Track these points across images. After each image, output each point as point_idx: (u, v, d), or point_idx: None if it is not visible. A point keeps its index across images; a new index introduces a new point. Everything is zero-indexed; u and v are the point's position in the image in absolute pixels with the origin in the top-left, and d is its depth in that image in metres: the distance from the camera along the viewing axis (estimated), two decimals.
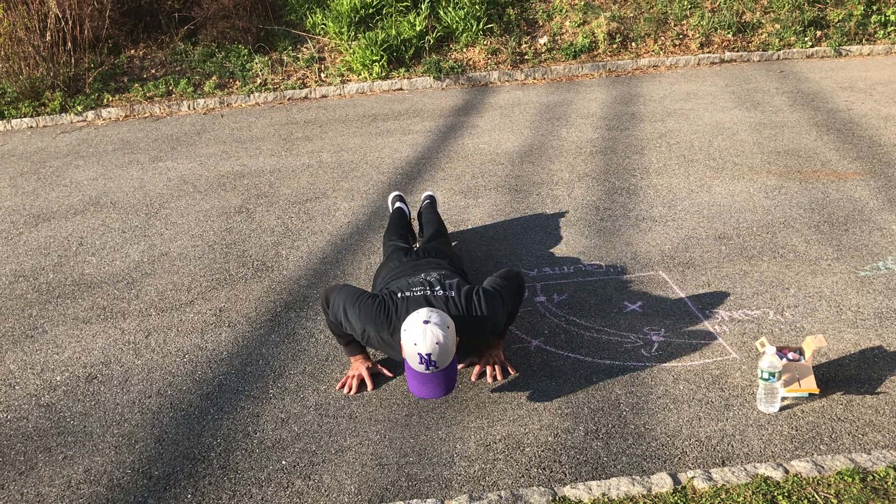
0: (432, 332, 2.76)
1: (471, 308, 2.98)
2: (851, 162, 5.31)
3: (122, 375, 3.37)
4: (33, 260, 4.61)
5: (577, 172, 5.43)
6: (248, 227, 4.85)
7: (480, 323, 3.00)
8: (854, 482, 2.46)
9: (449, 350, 2.80)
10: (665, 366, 3.19)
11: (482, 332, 3.04)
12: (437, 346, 2.75)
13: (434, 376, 2.83)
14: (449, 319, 2.86)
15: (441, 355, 2.78)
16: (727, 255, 4.10)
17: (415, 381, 2.87)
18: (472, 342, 3.07)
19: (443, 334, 2.77)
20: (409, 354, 2.82)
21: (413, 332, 2.79)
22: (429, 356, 2.76)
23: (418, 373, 2.84)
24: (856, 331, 3.35)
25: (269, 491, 2.64)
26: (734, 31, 8.65)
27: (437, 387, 2.85)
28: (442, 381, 2.85)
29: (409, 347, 2.81)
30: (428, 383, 2.84)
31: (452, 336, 2.83)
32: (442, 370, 2.83)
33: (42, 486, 2.73)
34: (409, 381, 2.90)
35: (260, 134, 6.92)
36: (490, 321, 3.02)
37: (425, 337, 2.75)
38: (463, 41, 8.67)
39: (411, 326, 2.81)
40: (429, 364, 2.78)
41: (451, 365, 2.86)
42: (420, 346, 2.76)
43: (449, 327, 2.82)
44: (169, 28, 8.95)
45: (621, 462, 2.67)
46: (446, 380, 2.86)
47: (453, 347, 2.84)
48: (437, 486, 2.61)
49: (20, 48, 8.20)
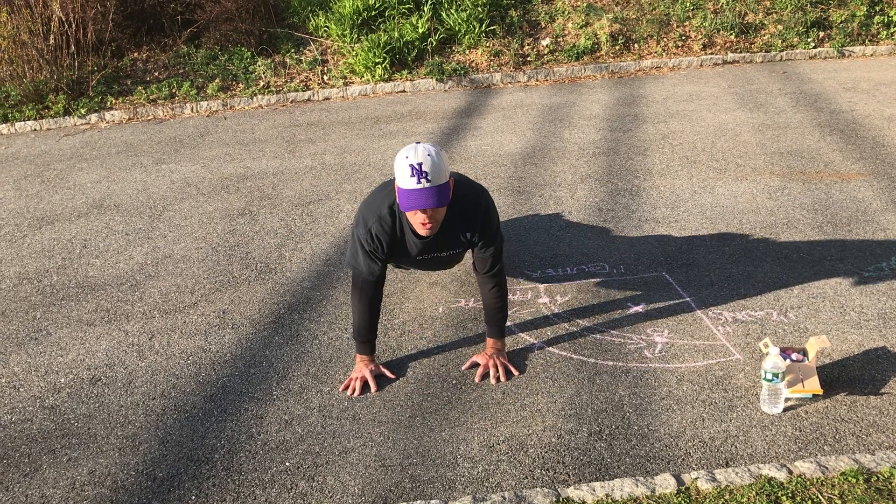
0: (424, 148, 2.78)
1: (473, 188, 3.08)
2: (854, 163, 5.31)
3: (125, 377, 3.37)
4: (37, 262, 4.62)
5: (580, 174, 5.43)
6: (251, 230, 4.86)
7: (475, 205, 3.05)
8: (858, 483, 2.46)
9: (441, 168, 2.76)
10: (668, 367, 3.19)
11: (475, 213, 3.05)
12: (428, 158, 2.74)
13: (426, 190, 2.76)
14: (441, 150, 2.85)
15: (433, 168, 2.73)
16: (730, 256, 4.09)
17: (405, 198, 2.78)
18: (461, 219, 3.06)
19: (434, 150, 2.78)
20: (401, 170, 2.76)
21: (404, 150, 2.80)
22: (420, 166, 2.72)
23: (409, 189, 2.77)
24: (859, 331, 3.35)
25: (272, 492, 2.64)
26: (737, 33, 8.65)
27: (428, 198, 2.76)
28: (434, 194, 2.77)
29: (400, 164, 2.77)
30: (420, 196, 2.76)
31: (445, 160, 2.82)
32: (434, 186, 2.76)
33: (46, 487, 2.74)
34: (401, 201, 2.81)
35: (263, 136, 6.93)
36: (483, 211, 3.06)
37: (416, 151, 2.76)
38: (465, 43, 8.68)
39: (403, 149, 2.83)
40: (420, 175, 2.72)
41: (443, 185, 2.79)
42: (411, 157, 2.74)
43: (442, 151, 2.82)
44: (172, 31, 8.97)
45: (625, 463, 2.67)
46: (439, 194, 2.78)
47: (446, 171, 2.81)
48: (441, 488, 2.61)
49: (24, 51, 8.22)
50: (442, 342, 3.46)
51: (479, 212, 3.07)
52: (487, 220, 3.10)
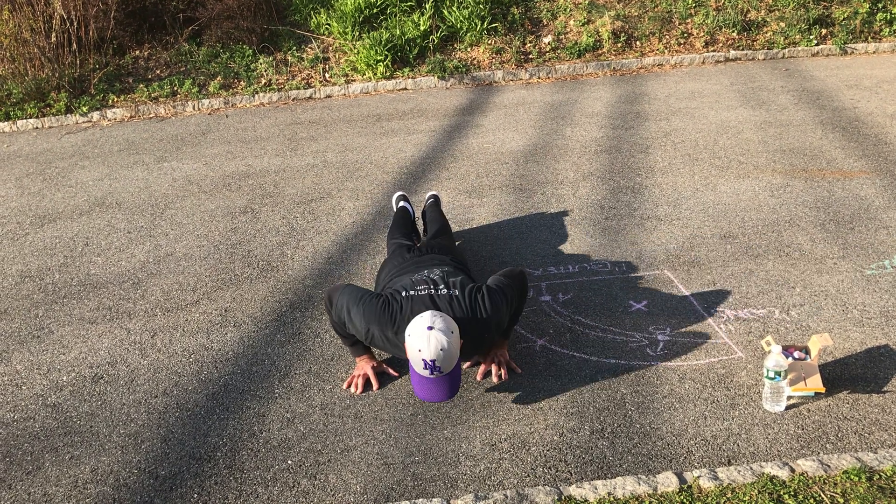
0: (436, 339, 2.75)
1: (475, 307, 2.98)
2: (857, 160, 5.30)
3: (128, 375, 3.38)
4: (39, 260, 4.63)
5: (582, 171, 5.42)
6: (253, 228, 4.86)
7: (485, 322, 2.99)
8: (860, 481, 2.46)
9: (453, 355, 2.80)
10: (670, 365, 3.18)
11: (486, 330, 3.03)
12: (441, 353, 2.75)
13: (438, 380, 2.83)
14: (453, 324, 2.86)
15: (445, 360, 2.78)
16: (732, 253, 4.09)
17: (419, 385, 2.87)
18: (476, 341, 3.07)
19: (447, 340, 2.77)
20: (414, 360, 2.82)
21: (417, 339, 2.79)
22: (433, 362, 2.76)
23: (423, 377, 2.84)
24: (862, 329, 3.34)
25: (274, 490, 2.64)
26: (739, 30, 8.63)
27: (441, 391, 2.85)
28: (446, 385, 2.85)
29: (413, 353, 2.81)
30: (432, 387, 2.85)
31: (457, 341, 2.83)
32: (446, 374, 2.83)
33: (49, 485, 2.74)
34: (414, 384, 2.90)
35: (265, 134, 6.93)
36: (494, 320, 3.01)
37: (429, 343, 2.75)
38: (467, 40, 8.67)
39: (415, 332, 2.81)
40: (433, 370, 2.79)
41: (455, 369, 2.85)
42: (424, 352, 2.76)
43: (453, 332, 2.82)
44: (173, 29, 8.96)
45: (627, 461, 2.67)
46: (450, 383, 2.86)
47: (457, 352, 2.84)
48: (443, 486, 2.61)
49: (25, 49, 8.22)
50: None
51: (489, 332, 3.07)
52: (499, 329, 3.10)
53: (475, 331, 2.98)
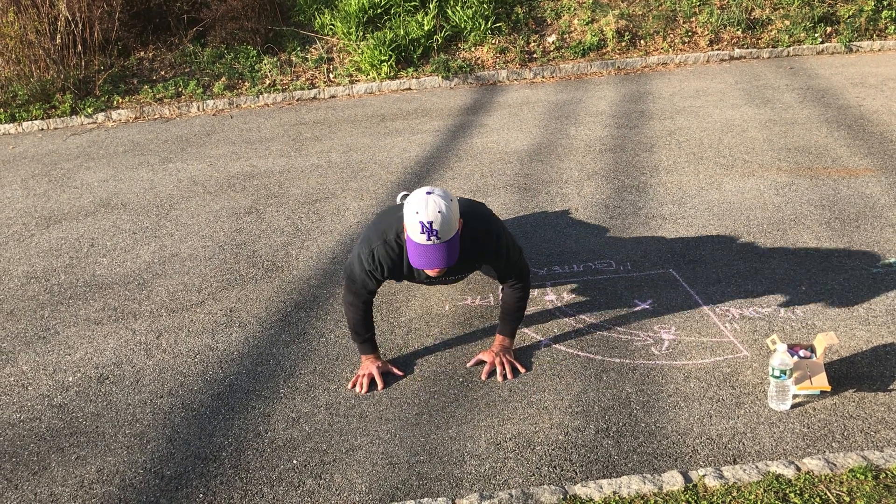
0: (434, 202, 2.74)
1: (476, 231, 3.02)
2: (862, 158, 5.28)
3: (133, 376, 3.38)
4: (45, 261, 4.64)
5: (587, 171, 5.42)
6: (257, 228, 4.87)
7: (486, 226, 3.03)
8: (867, 480, 2.45)
9: (451, 221, 2.76)
10: (676, 364, 3.18)
11: (487, 241, 3.03)
12: (439, 215, 2.72)
13: (436, 247, 2.78)
14: (452, 195, 2.84)
15: (443, 225, 2.74)
16: (737, 252, 4.08)
17: (416, 253, 2.81)
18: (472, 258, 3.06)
19: (445, 204, 2.75)
20: (411, 224, 2.77)
21: (415, 202, 2.77)
22: (430, 224, 2.72)
23: (419, 244, 2.79)
24: (868, 328, 3.33)
25: (280, 490, 2.64)
26: (743, 28, 8.61)
27: (439, 257, 2.80)
28: (444, 252, 2.79)
29: (410, 217, 2.77)
30: (430, 253, 2.79)
31: (455, 209, 2.81)
32: (444, 242, 2.78)
33: (55, 486, 2.75)
34: (411, 256, 2.84)
35: (269, 134, 6.93)
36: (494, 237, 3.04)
37: (427, 205, 2.73)
38: (471, 40, 8.68)
39: (414, 198, 2.79)
40: (430, 233, 2.74)
41: (452, 239, 2.81)
42: (422, 213, 2.73)
43: (452, 200, 2.80)
44: (178, 30, 8.98)
45: (632, 460, 2.67)
46: (448, 251, 2.80)
47: (456, 221, 2.80)
48: (448, 485, 2.61)
49: (31, 51, 8.25)
50: (448, 340, 3.46)
51: (490, 241, 3.06)
52: (500, 247, 3.08)
53: (476, 236, 2.99)
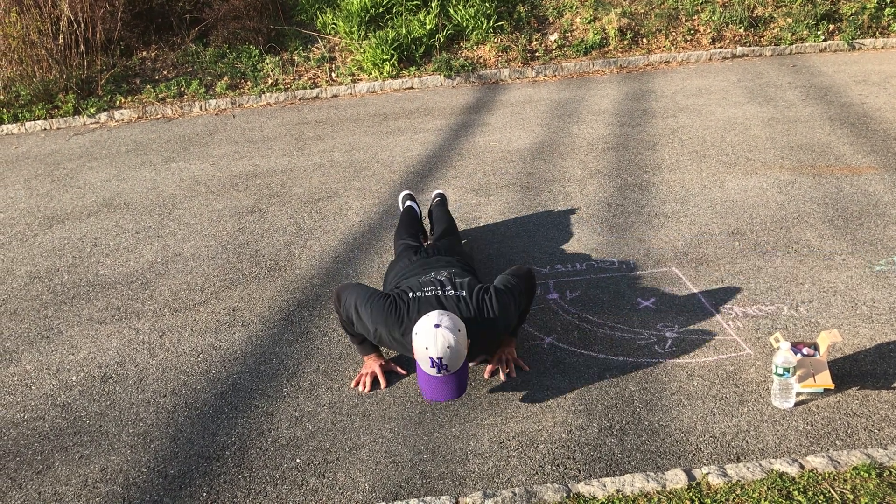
0: (443, 336, 2.75)
1: (482, 308, 2.98)
2: (865, 156, 5.28)
3: (136, 375, 3.39)
4: (48, 261, 4.65)
5: (589, 169, 5.41)
6: (260, 227, 4.87)
7: (492, 323, 2.99)
8: (870, 477, 2.45)
9: (460, 353, 2.80)
10: (679, 362, 3.18)
11: (494, 331, 3.03)
12: (448, 350, 2.75)
13: (445, 379, 2.83)
14: (460, 322, 2.85)
15: (452, 359, 2.77)
16: (740, 250, 4.08)
17: (426, 384, 2.87)
18: (483, 341, 3.07)
19: (454, 338, 2.76)
20: (421, 358, 2.82)
21: (424, 336, 2.78)
22: (440, 360, 2.76)
23: (430, 376, 2.84)
24: (871, 325, 3.33)
25: (283, 489, 2.65)
26: (746, 26, 8.60)
27: (448, 390, 2.85)
28: (453, 384, 2.84)
29: (420, 351, 2.80)
30: (439, 386, 2.84)
31: (464, 339, 2.83)
32: (453, 373, 2.83)
33: (59, 485, 2.75)
34: (421, 384, 2.89)
35: (271, 134, 6.94)
36: (501, 320, 3.01)
37: (436, 341, 2.75)
38: (473, 39, 8.67)
39: (422, 330, 2.80)
40: (440, 368, 2.78)
41: (462, 368, 2.85)
42: (431, 349, 2.75)
43: (460, 330, 2.81)
44: (180, 29, 8.99)
45: (635, 458, 2.66)
46: (457, 382, 2.85)
47: (464, 350, 2.84)
48: (452, 484, 2.61)
49: (33, 51, 8.26)
50: None
51: (497, 333, 3.08)
52: (507, 320, 3.07)
53: (483, 331, 2.98)
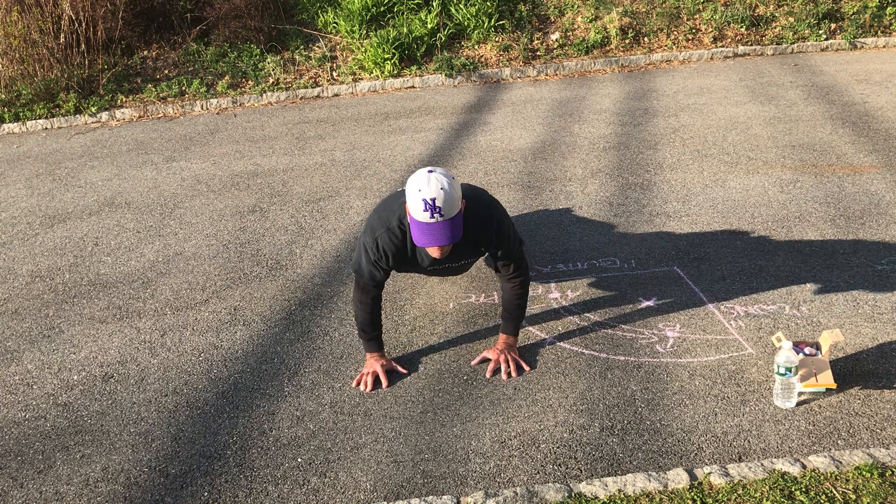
0: (437, 179, 2.74)
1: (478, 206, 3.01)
2: (867, 155, 5.27)
3: (138, 374, 3.39)
4: (49, 260, 4.65)
5: (591, 168, 5.41)
6: (261, 226, 4.87)
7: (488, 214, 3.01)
8: (873, 477, 2.44)
9: (454, 199, 2.76)
10: (680, 361, 3.17)
11: (487, 226, 3.02)
12: (441, 192, 2.72)
13: (439, 225, 2.78)
14: (453, 175, 2.83)
15: (446, 202, 2.73)
16: (742, 249, 4.07)
17: (419, 231, 2.81)
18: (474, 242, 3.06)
19: (447, 182, 2.74)
20: (413, 203, 2.76)
21: (417, 180, 2.76)
22: (433, 201, 2.72)
23: (422, 223, 2.79)
24: (873, 325, 3.33)
25: (284, 488, 2.64)
26: (747, 25, 8.59)
27: (442, 234, 2.79)
28: (448, 229, 2.79)
29: (413, 196, 2.76)
30: (434, 231, 2.79)
31: (458, 188, 2.80)
32: (447, 219, 2.78)
33: (60, 484, 2.75)
34: (414, 235, 2.84)
35: (273, 133, 6.94)
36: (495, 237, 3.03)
37: (429, 183, 2.73)
38: (474, 38, 8.67)
39: (415, 176, 2.79)
40: (433, 210, 2.73)
41: (455, 217, 2.80)
42: (424, 191, 2.72)
43: (454, 178, 2.80)
44: (181, 28, 8.99)
45: (637, 458, 2.66)
46: (452, 228, 2.80)
47: (459, 200, 2.80)
48: (453, 483, 2.61)
49: (35, 50, 8.26)
50: (453, 338, 3.46)
51: (491, 225, 3.05)
52: (501, 232, 3.06)
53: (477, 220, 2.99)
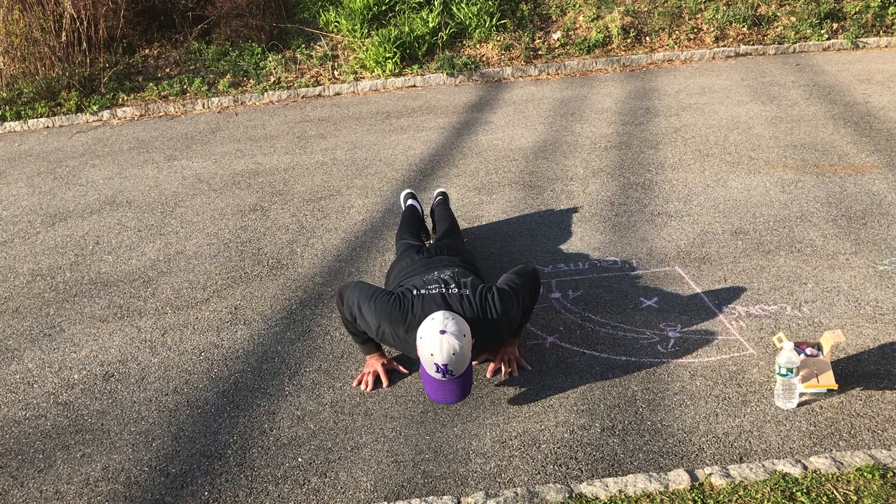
0: (448, 343, 2.75)
1: (486, 308, 2.97)
2: (869, 155, 5.26)
3: (138, 373, 3.38)
4: (50, 259, 4.64)
5: (592, 168, 5.40)
6: (262, 225, 4.86)
7: (495, 323, 2.99)
8: (874, 479, 2.44)
9: (465, 357, 2.80)
10: (681, 362, 3.17)
11: (497, 330, 3.03)
12: (453, 357, 2.75)
13: (450, 383, 2.83)
14: (465, 325, 2.85)
15: (457, 363, 2.77)
16: (743, 249, 4.07)
17: (431, 387, 2.87)
18: (487, 341, 3.07)
19: (459, 344, 2.76)
20: (426, 362, 2.82)
21: (429, 343, 2.78)
22: (445, 366, 2.76)
23: (434, 379, 2.84)
24: (874, 326, 3.32)
25: (285, 488, 2.64)
26: (749, 25, 8.58)
27: (452, 393, 2.86)
28: (458, 387, 2.85)
29: (425, 356, 2.80)
30: (444, 389, 2.85)
31: (468, 344, 2.83)
32: (458, 377, 2.83)
33: (61, 483, 2.75)
34: (426, 385, 2.90)
35: (274, 132, 6.93)
36: (505, 320, 3.01)
37: (441, 348, 2.75)
38: (476, 37, 8.66)
39: (427, 335, 2.80)
40: (445, 373, 2.79)
41: (466, 370, 2.85)
42: (437, 356, 2.75)
43: (465, 335, 2.81)
44: (183, 27, 8.98)
45: (638, 459, 2.66)
46: (462, 385, 2.86)
47: (469, 354, 2.84)
48: (454, 483, 2.61)
49: (36, 49, 8.26)
50: None
51: (500, 332, 3.07)
52: (510, 324, 3.05)
53: (486, 331, 2.98)
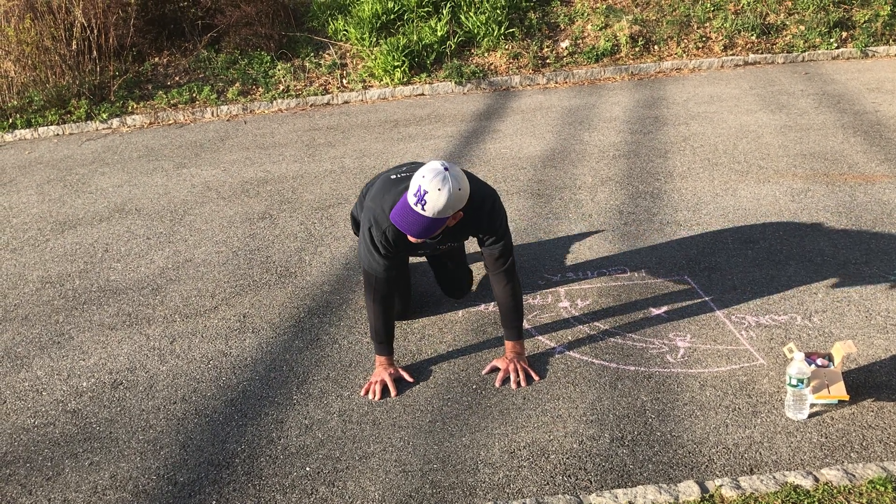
0: (442, 180, 2.71)
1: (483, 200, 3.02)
2: (879, 164, 5.24)
3: (147, 381, 3.39)
4: (60, 266, 4.66)
5: (600, 176, 5.40)
6: (271, 233, 4.87)
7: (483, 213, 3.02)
8: (886, 491, 2.42)
9: (445, 206, 2.73)
10: (691, 372, 3.15)
11: (479, 223, 3.05)
12: (437, 192, 2.70)
13: (416, 214, 2.76)
14: (466, 186, 2.79)
15: (436, 201, 2.71)
16: (753, 259, 4.05)
17: (398, 211, 2.80)
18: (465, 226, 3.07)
19: (448, 189, 2.70)
20: (412, 185, 2.76)
21: (429, 168, 2.74)
22: (424, 193, 2.70)
23: (406, 203, 2.78)
24: (886, 336, 3.30)
25: (293, 497, 2.64)
26: (758, 33, 8.57)
27: (412, 226, 2.78)
28: (420, 225, 2.77)
29: (415, 179, 2.75)
30: (408, 217, 2.78)
31: (456, 198, 2.75)
32: (427, 217, 2.76)
33: (69, 491, 2.75)
34: (395, 207, 2.84)
35: (283, 140, 6.95)
36: (488, 221, 3.04)
37: (434, 178, 2.70)
38: (484, 46, 8.67)
39: (430, 164, 2.77)
40: (420, 199, 2.72)
41: (437, 219, 2.77)
42: (426, 181, 2.70)
43: (460, 189, 2.75)
44: (192, 36, 9.03)
45: (647, 470, 2.64)
46: (426, 226, 2.78)
47: (451, 209, 2.76)
48: (462, 494, 2.60)
49: (47, 57, 8.31)
50: (461, 346, 3.45)
51: (483, 211, 3.06)
52: (492, 218, 3.08)
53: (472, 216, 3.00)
